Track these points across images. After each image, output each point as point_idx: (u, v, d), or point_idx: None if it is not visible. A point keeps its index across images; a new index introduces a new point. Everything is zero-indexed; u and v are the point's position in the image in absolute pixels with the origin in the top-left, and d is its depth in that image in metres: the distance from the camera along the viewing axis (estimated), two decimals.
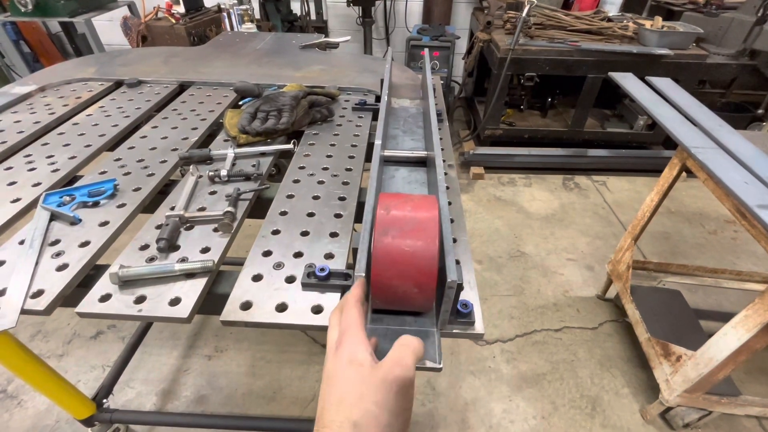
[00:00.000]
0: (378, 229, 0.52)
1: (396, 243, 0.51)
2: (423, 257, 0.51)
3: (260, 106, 1.13)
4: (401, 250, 0.51)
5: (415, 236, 0.52)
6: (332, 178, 0.97)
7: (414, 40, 3.20)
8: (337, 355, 0.43)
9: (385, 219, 0.53)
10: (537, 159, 3.08)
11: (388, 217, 0.53)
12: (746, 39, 2.62)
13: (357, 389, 0.39)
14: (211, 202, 0.88)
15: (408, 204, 0.55)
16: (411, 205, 0.55)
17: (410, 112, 1.24)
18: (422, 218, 0.53)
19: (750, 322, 1.17)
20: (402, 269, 0.51)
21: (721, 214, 2.75)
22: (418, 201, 0.56)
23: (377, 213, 0.54)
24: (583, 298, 2.16)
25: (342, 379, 0.40)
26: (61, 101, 1.29)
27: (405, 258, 0.51)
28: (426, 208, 0.54)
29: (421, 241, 0.52)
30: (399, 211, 0.54)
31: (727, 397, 1.47)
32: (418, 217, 0.53)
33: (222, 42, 1.91)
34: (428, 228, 0.52)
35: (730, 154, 1.33)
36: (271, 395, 1.71)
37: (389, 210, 0.54)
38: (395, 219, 0.53)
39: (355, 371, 0.41)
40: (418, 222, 0.53)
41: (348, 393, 0.39)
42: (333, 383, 0.41)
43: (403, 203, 0.55)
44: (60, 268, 0.71)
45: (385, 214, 0.54)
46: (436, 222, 0.53)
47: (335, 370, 0.42)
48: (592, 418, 1.65)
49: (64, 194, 0.86)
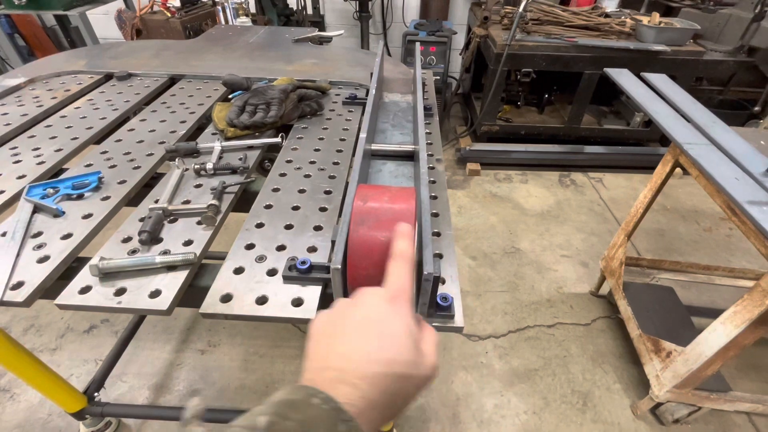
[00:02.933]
0: (354, 219, 0.52)
1: (372, 233, 0.51)
2: (400, 212, 0.51)
3: (249, 99, 1.12)
4: (377, 240, 0.51)
5: (392, 227, 0.51)
6: (319, 171, 0.96)
7: (411, 35, 3.18)
8: (396, 310, 0.38)
9: (361, 209, 0.53)
10: (533, 155, 3.08)
11: (365, 207, 0.53)
12: (744, 35, 2.61)
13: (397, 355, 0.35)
14: (196, 195, 0.87)
15: (385, 195, 0.55)
16: (388, 196, 0.54)
17: (401, 107, 1.24)
18: (399, 209, 0.53)
19: (738, 318, 1.17)
20: (377, 259, 0.51)
21: (716, 212, 2.75)
22: (395, 192, 0.56)
23: (354, 204, 0.54)
24: (577, 294, 2.17)
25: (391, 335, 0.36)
26: (50, 94, 1.29)
27: (381, 248, 0.51)
28: (403, 200, 0.54)
29: (399, 204, 0.52)
30: (376, 202, 0.54)
31: (717, 393, 1.47)
32: (395, 207, 0.53)
33: (214, 35, 1.89)
34: (405, 218, 0.52)
35: (723, 151, 1.33)
36: (263, 389, 1.72)
37: (366, 201, 0.54)
38: (371, 210, 0.53)
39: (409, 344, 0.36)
40: (395, 212, 0.52)
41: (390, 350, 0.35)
42: (381, 329, 0.37)
43: (380, 194, 0.55)
44: (41, 260, 0.71)
45: (361, 205, 0.53)
46: (413, 213, 0.53)
47: (390, 321, 0.37)
48: (583, 413, 1.66)
49: (47, 186, 0.86)
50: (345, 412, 0.31)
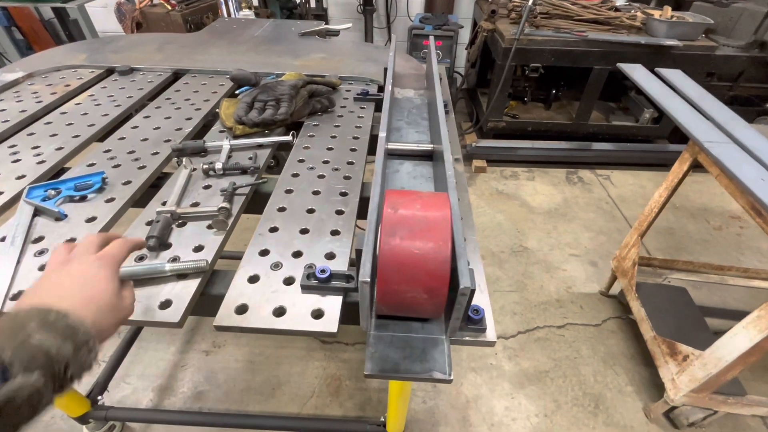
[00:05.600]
0: (385, 230, 0.48)
1: (405, 245, 0.47)
2: (434, 260, 0.47)
3: (257, 95, 1.07)
4: (410, 253, 0.47)
5: (426, 237, 0.47)
6: (333, 172, 0.92)
7: (416, 29, 3.13)
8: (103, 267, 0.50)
9: (392, 218, 0.49)
10: (540, 152, 3.03)
11: (396, 215, 0.49)
12: (757, 30, 2.55)
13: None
14: (205, 197, 0.83)
15: (417, 202, 0.51)
16: (420, 203, 0.50)
17: (414, 103, 1.19)
18: (433, 218, 0.49)
19: (763, 323, 1.13)
20: (411, 274, 0.47)
21: (726, 210, 2.72)
22: (428, 199, 0.51)
23: (384, 212, 0.49)
24: (586, 294, 2.13)
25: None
26: (49, 89, 1.24)
27: (415, 261, 0.47)
28: (437, 207, 0.50)
29: (432, 242, 0.47)
30: (407, 209, 0.49)
31: (734, 396, 1.44)
32: (429, 216, 0.49)
33: (218, 29, 1.84)
34: (440, 228, 0.48)
35: (744, 149, 1.29)
36: (269, 392, 1.68)
37: (397, 208, 0.50)
38: (404, 218, 0.49)
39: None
40: (429, 222, 0.48)
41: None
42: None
43: (412, 201, 0.51)
44: (43, 268, 0.67)
45: (392, 213, 0.49)
46: (449, 222, 0.49)
47: None
48: (595, 416, 1.63)
49: (49, 188, 0.81)
50: (54, 307, 0.40)
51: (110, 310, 0.47)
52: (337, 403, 1.65)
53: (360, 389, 1.70)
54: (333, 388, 1.70)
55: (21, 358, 0.34)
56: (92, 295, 0.46)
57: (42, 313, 0.38)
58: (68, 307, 0.41)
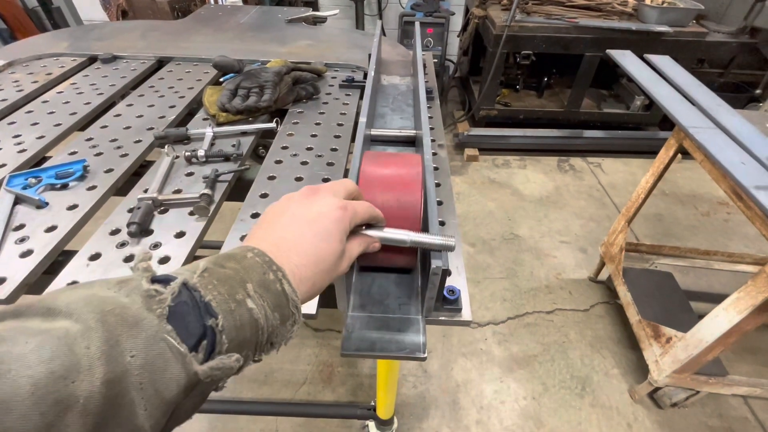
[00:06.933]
0: (364, 161, 0.58)
1: (379, 171, 0.56)
2: (407, 175, 0.56)
3: (241, 82, 1.06)
4: (384, 174, 0.56)
5: (399, 166, 0.58)
6: (317, 158, 0.92)
7: (407, 16, 3.09)
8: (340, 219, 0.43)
9: (371, 155, 0.60)
10: (532, 140, 3.03)
11: (375, 158, 0.59)
12: (747, 16, 2.55)
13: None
14: (188, 184, 0.83)
15: (392, 156, 0.62)
16: (394, 157, 0.62)
17: (400, 90, 1.19)
18: (406, 158, 0.60)
19: (741, 304, 1.16)
20: (387, 184, 0.55)
21: (714, 196, 2.75)
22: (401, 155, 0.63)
23: (363, 155, 0.60)
24: (576, 280, 2.16)
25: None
26: (30, 78, 1.22)
27: (389, 178, 0.55)
28: (409, 157, 0.61)
29: (405, 169, 0.57)
30: (383, 158, 0.60)
31: (715, 377, 1.48)
32: (403, 157, 0.60)
33: (204, 16, 1.81)
34: (411, 163, 0.58)
35: (729, 135, 1.30)
36: (262, 379, 1.70)
37: (375, 159, 0.59)
38: (378, 156, 0.59)
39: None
40: (403, 158, 0.60)
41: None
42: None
43: (386, 155, 0.62)
44: (24, 255, 0.67)
45: (372, 156, 0.60)
46: (419, 159, 0.59)
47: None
48: (581, 398, 1.67)
49: (29, 176, 0.81)
50: (275, 263, 0.36)
51: (327, 273, 0.41)
52: (330, 389, 1.67)
53: (352, 375, 1.72)
54: (325, 374, 1.72)
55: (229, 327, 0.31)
56: (318, 254, 0.40)
57: (264, 267, 0.35)
58: (288, 263, 0.37)
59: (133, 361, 0.26)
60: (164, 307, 0.29)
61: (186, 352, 0.29)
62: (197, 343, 0.30)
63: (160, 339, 0.28)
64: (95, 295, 0.28)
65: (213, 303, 0.31)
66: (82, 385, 0.23)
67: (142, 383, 0.26)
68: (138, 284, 0.30)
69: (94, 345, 0.25)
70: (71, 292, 0.28)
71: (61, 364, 0.23)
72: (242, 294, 0.33)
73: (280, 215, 0.42)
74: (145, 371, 0.26)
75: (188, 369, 0.28)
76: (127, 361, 0.26)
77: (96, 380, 0.24)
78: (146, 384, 0.26)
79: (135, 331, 0.27)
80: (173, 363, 0.28)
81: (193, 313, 0.30)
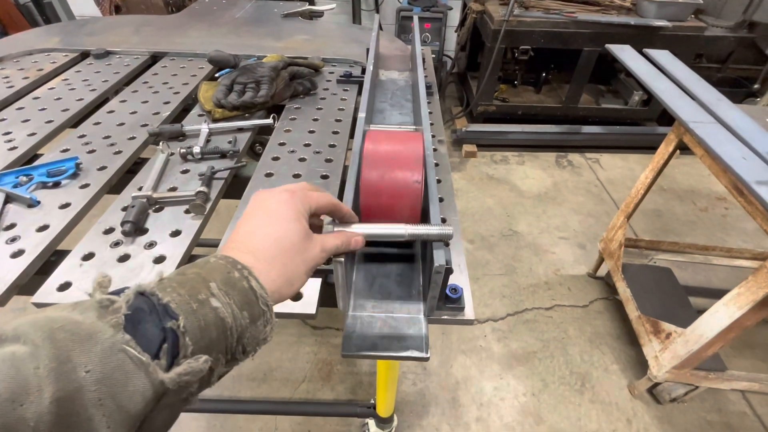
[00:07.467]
0: (367, 141, 0.59)
1: (381, 148, 0.58)
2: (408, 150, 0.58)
3: (237, 77, 1.05)
4: (386, 148, 0.58)
5: (401, 142, 0.60)
6: (315, 155, 0.91)
7: (404, 10, 3.06)
8: (294, 206, 0.43)
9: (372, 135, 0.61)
10: (530, 136, 3.02)
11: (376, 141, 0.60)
12: (746, 10, 2.54)
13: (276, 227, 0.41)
14: (183, 182, 0.82)
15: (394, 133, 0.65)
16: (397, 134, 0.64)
17: (399, 85, 1.17)
18: (409, 135, 0.62)
19: (742, 300, 1.16)
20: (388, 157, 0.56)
21: (712, 191, 2.75)
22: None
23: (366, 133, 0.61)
24: (575, 276, 2.16)
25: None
26: (21, 73, 1.19)
27: (391, 152, 0.57)
28: (411, 134, 0.64)
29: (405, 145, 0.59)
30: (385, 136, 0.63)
31: (714, 372, 1.48)
32: (406, 134, 0.63)
33: (198, 10, 1.78)
34: (414, 140, 0.60)
35: (729, 129, 1.29)
36: (261, 377, 1.69)
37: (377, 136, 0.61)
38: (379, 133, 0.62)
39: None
40: (406, 136, 0.62)
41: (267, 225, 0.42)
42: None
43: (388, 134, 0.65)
44: (15, 255, 0.65)
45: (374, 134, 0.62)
46: (420, 138, 0.61)
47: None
48: (581, 394, 1.67)
49: (20, 174, 0.79)
50: (239, 262, 0.36)
51: (292, 252, 0.40)
52: (329, 387, 1.67)
53: (351, 373, 1.72)
54: (324, 372, 1.72)
55: (192, 328, 0.30)
56: (276, 235, 0.40)
57: (228, 267, 0.35)
58: (253, 257, 0.37)
59: (89, 377, 0.25)
60: (119, 316, 0.28)
61: (148, 360, 0.27)
62: (159, 349, 0.28)
63: (117, 350, 0.26)
64: (46, 316, 0.27)
65: (172, 304, 0.30)
66: (32, 407, 0.22)
67: (101, 398, 0.25)
68: (92, 302, 0.29)
69: (42, 364, 0.24)
70: (21, 318, 0.27)
71: (6, 387, 0.22)
72: (205, 293, 0.32)
73: (240, 224, 0.43)
74: (104, 386, 0.25)
75: (153, 378, 0.27)
76: (81, 376, 0.24)
77: (45, 400, 0.23)
78: (106, 399, 0.25)
79: (88, 345, 0.25)
80: (135, 374, 0.26)
81: (150, 318, 0.29)
